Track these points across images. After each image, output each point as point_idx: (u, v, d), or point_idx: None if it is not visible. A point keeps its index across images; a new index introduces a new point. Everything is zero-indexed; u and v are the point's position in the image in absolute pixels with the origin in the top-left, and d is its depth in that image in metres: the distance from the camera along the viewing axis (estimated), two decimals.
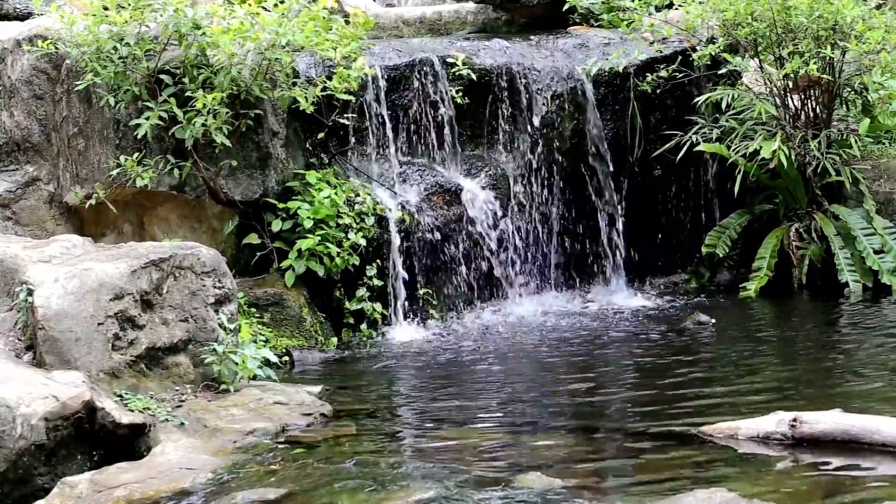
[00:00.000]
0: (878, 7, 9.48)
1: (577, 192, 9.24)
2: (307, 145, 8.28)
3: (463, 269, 8.64)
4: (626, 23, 9.43)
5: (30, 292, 5.64)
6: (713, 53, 9.13)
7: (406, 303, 8.28)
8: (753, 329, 8.21)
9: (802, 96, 9.24)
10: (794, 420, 5.09)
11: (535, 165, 9.05)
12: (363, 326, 8.05)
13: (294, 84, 7.81)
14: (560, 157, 9.15)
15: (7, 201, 8.17)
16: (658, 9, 9.50)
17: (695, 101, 9.35)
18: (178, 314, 5.92)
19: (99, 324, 5.59)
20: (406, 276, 8.29)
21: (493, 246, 8.77)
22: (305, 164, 8.23)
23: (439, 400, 6.52)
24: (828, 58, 8.82)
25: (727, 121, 9.28)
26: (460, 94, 8.80)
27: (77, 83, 7.67)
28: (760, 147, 8.89)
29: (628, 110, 9.33)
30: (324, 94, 7.87)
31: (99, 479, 4.84)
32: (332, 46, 7.75)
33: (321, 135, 8.25)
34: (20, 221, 8.15)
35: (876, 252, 8.92)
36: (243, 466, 5.02)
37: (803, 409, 5.23)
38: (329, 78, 7.88)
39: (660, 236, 9.68)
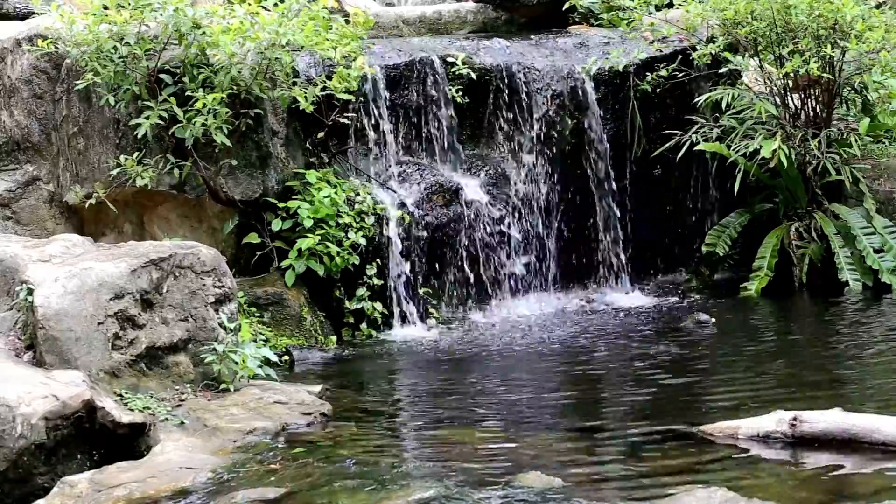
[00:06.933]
0: (878, 6, 9.48)
1: (577, 191, 9.24)
2: (307, 145, 8.28)
3: (463, 268, 8.64)
4: (625, 22, 9.43)
5: (30, 292, 5.63)
6: (713, 53, 9.13)
7: (406, 302, 8.28)
8: (753, 328, 8.21)
9: (802, 95, 9.24)
10: (794, 419, 5.09)
11: (534, 165, 9.05)
12: (363, 326, 8.05)
13: (294, 83, 7.81)
14: (560, 157, 9.15)
15: (7, 200, 8.17)
16: (658, 8, 9.51)
17: (695, 100, 9.36)
18: (178, 313, 5.92)
19: (99, 323, 5.59)
20: (406, 276, 8.29)
21: (493, 245, 8.77)
22: (305, 163, 8.24)
23: (439, 399, 6.52)
24: (828, 57, 8.82)
25: (727, 120, 9.28)
26: (460, 93, 8.81)
27: (77, 83, 7.67)
28: (760, 146, 8.89)
29: (628, 109, 9.34)
30: (324, 93, 7.87)
31: (99, 478, 4.84)
32: (332, 46, 7.75)
33: (321, 134, 8.26)
34: (20, 221, 8.16)
35: (876, 251, 8.93)
36: (243, 466, 5.02)
37: (803, 408, 5.23)
38: (329, 77, 7.88)
39: (660, 235, 9.68)
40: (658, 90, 9.32)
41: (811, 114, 9.25)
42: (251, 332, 6.91)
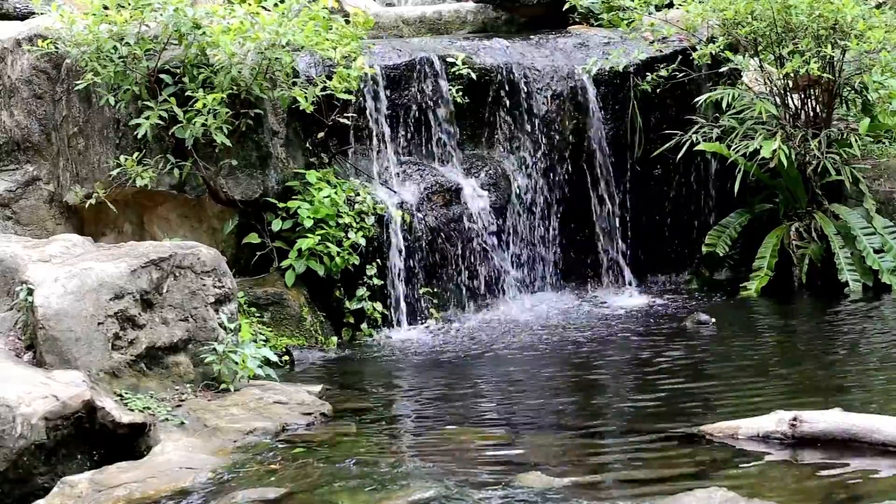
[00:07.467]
0: (878, 6, 9.48)
1: (577, 192, 9.24)
2: (307, 145, 8.28)
3: (463, 268, 8.64)
4: (626, 22, 9.43)
5: (30, 292, 5.63)
6: (713, 53, 9.13)
7: (406, 302, 8.28)
8: (753, 328, 8.20)
9: (802, 95, 9.24)
10: (794, 419, 5.09)
11: (534, 165, 9.05)
12: (363, 326, 8.05)
13: (294, 84, 7.81)
14: (560, 157, 9.15)
15: (7, 201, 8.17)
16: (658, 8, 9.50)
17: (695, 100, 9.35)
18: (178, 314, 5.92)
19: (99, 323, 5.59)
20: (406, 276, 8.29)
21: (493, 245, 8.77)
22: (305, 163, 8.24)
23: (439, 399, 6.52)
24: (828, 57, 8.81)
25: (727, 120, 9.28)
26: (460, 93, 8.80)
27: (77, 83, 7.67)
28: (760, 146, 8.89)
29: (628, 110, 9.33)
30: (324, 93, 7.87)
31: (99, 478, 4.85)
32: (332, 46, 7.75)
33: (321, 134, 8.26)
34: (20, 221, 8.16)
35: (876, 251, 8.92)
36: (243, 466, 5.02)
37: (803, 408, 5.23)
38: (329, 77, 7.88)
39: (660, 235, 9.68)
40: (658, 90, 9.32)
41: (811, 114, 9.25)
42: (251, 332, 6.91)
